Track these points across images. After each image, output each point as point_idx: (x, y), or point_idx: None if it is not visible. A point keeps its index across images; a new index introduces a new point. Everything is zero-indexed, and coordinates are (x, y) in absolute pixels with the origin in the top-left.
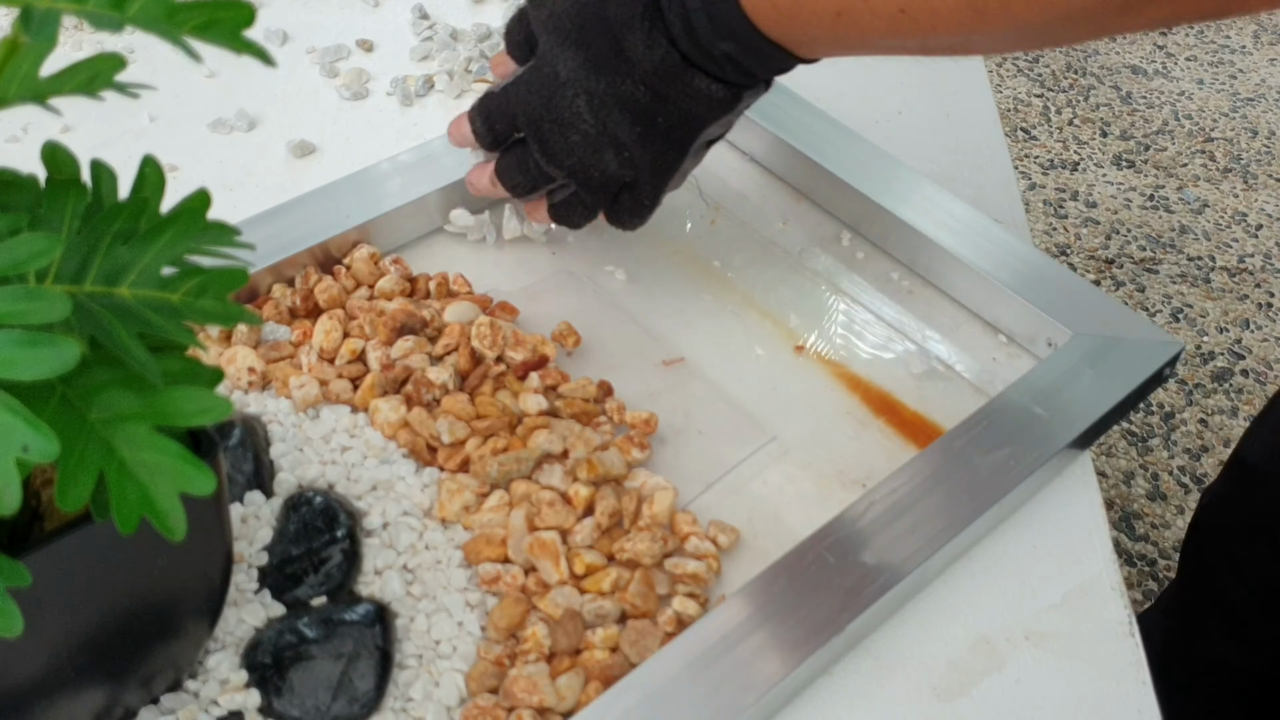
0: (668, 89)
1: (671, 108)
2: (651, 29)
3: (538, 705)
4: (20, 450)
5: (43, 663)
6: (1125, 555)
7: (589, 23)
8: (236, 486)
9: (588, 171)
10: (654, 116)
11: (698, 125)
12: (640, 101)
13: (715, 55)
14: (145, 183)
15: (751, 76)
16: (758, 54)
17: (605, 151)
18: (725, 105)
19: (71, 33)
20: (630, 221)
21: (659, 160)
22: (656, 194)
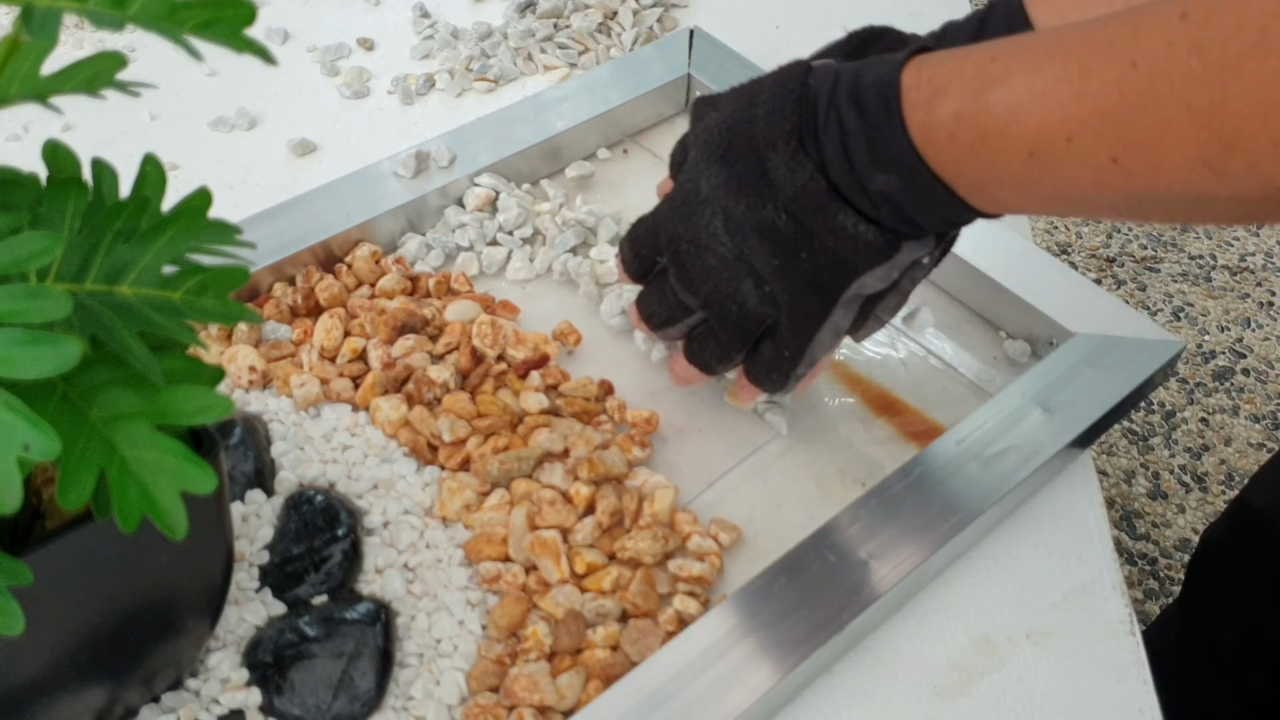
0: (811, 221)
1: (816, 244)
2: (798, 150)
3: (538, 704)
4: (21, 449)
5: (44, 661)
6: (1126, 554)
7: (737, 138)
8: (237, 485)
9: (724, 302)
10: (796, 250)
11: (847, 271)
12: (781, 231)
13: (871, 190)
14: (146, 181)
15: (913, 225)
16: (923, 195)
17: (743, 281)
18: (879, 254)
19: (72, 31)
20: (769, 376)
21: (801, 303)
22: (800, 346)
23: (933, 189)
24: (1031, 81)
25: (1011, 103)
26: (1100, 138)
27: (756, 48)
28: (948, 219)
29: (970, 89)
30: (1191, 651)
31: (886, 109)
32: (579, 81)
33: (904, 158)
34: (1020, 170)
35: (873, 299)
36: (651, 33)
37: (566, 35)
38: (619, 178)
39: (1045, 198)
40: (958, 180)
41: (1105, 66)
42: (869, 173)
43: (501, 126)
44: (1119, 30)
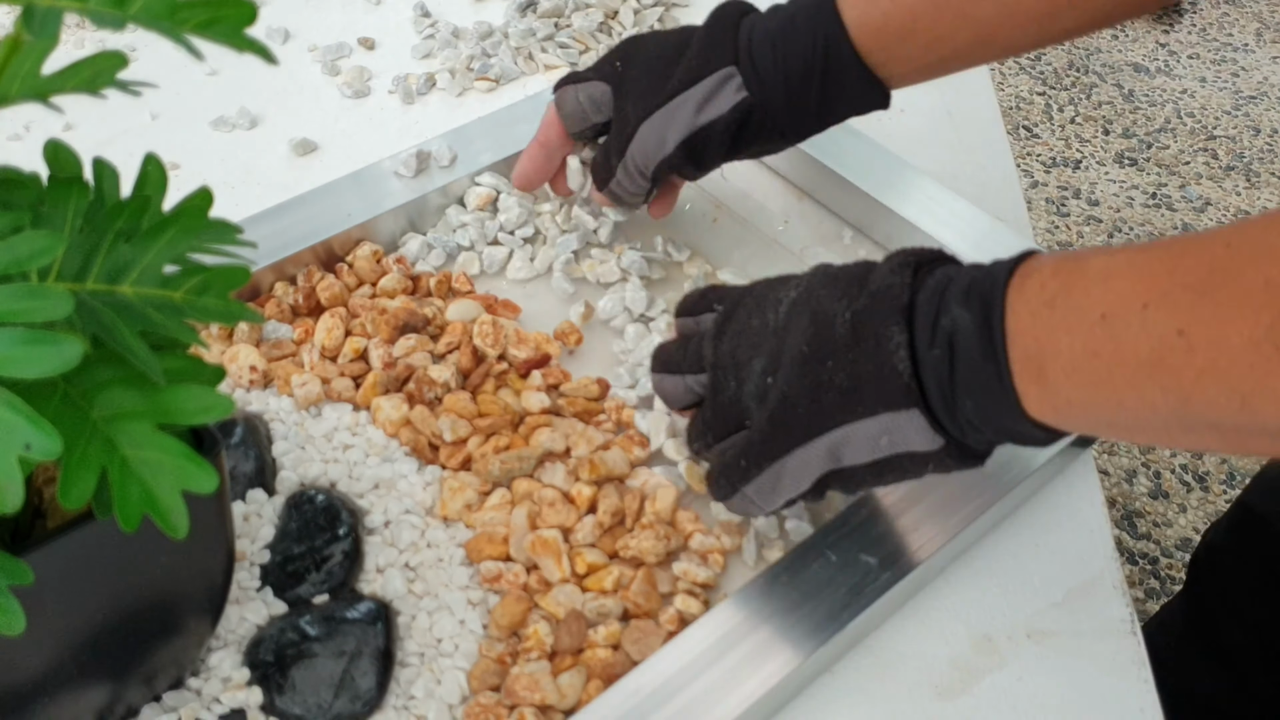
0: (865, 330)
1: (847, 359)
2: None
3: (539, 703)
4: (23, 448)
5: (45, 660)
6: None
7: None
8: (238, 484)
9: (727, 370)
10: (828, 353)
11: (851, 406)
12: (833, 325)
13: (936, 336)
14: (147, 181)
15: (947, 401)
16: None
17: (758, 358)
18: (888, 401)
19: (73, 31)
20: (718, 480)
21: (788, 412)
22: (761, 459)
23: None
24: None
25: (1103, 268)
26: (1176, 307)
27: None
28: (987, 412)
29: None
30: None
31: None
32: None
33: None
34: (1086, 334)
35: (842, 476)
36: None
37: (567, 34)
38: None
39: (1098, 380)
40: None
41: (1200, 248)
42: (942, 319)
43: (502, 126)
44: (1220, 229)
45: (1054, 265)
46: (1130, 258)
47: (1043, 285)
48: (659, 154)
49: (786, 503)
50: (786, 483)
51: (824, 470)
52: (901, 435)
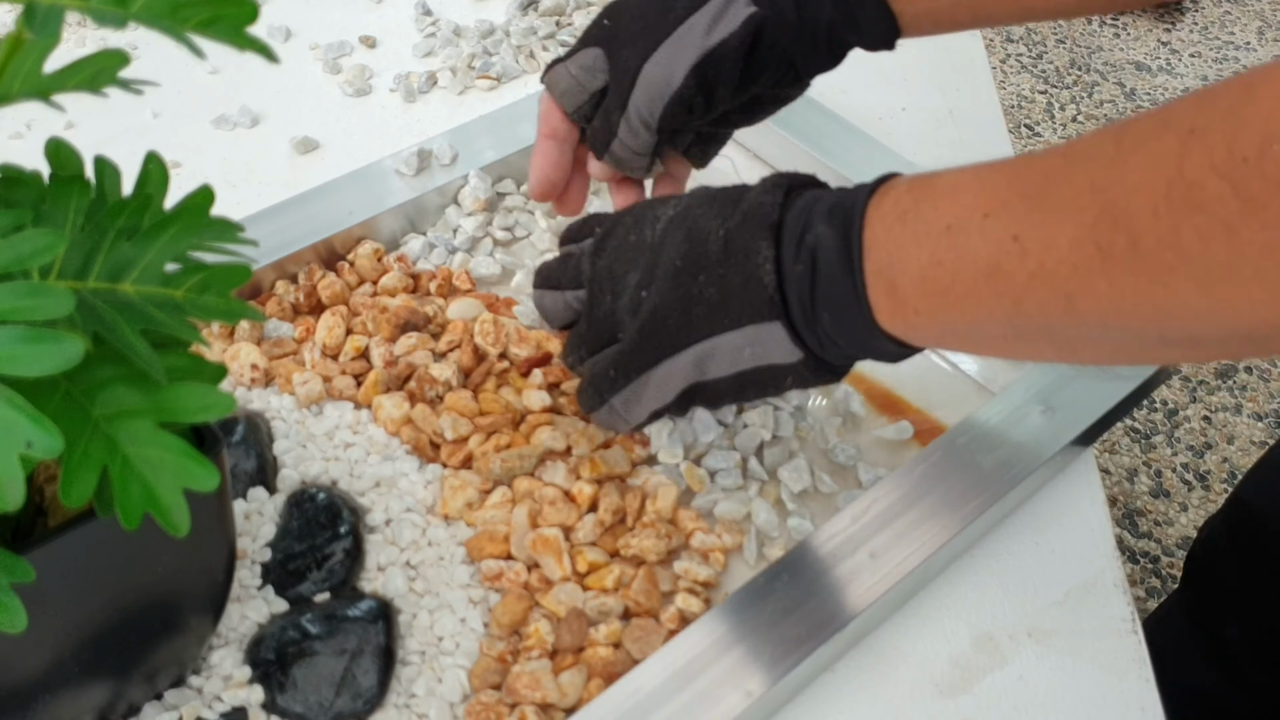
0: (736, 248)
1: (717, 274)
2: (774, 192)
3: (540, 701)
4: (24, 446)
5: (47, 658)
6: (1128, 552)
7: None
8: (239, 483)
9: (603, 284)
10: (699, 268)
11: (717, 320)
12: (706, 241)
13: (801, 247)
14: (148, 179)
15: (809, 312)
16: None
17: (632, 271)
18: (753, 314)
19: (75, 29)
20: (587, 390)
21: (659, 324)
22: (630, 370)
23: (844, 270)
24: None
25: (951, 182)
26: (1013, 214)
27: None
28: (843, 324)
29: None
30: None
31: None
32: None
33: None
34: (932, 245)
35: (706, 389)
36: None
37: (569, 33)
38: None
39: (942, 289)
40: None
41: (1040, 160)
42: (806, 236)
43: (504, 124)
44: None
45: (909, 183)
46: (977, 173)
47: (897, 200)
48: (666, 92)
49: (651, 415)
50: (652, 393)
51: (689, 382)
52: (764, 347)
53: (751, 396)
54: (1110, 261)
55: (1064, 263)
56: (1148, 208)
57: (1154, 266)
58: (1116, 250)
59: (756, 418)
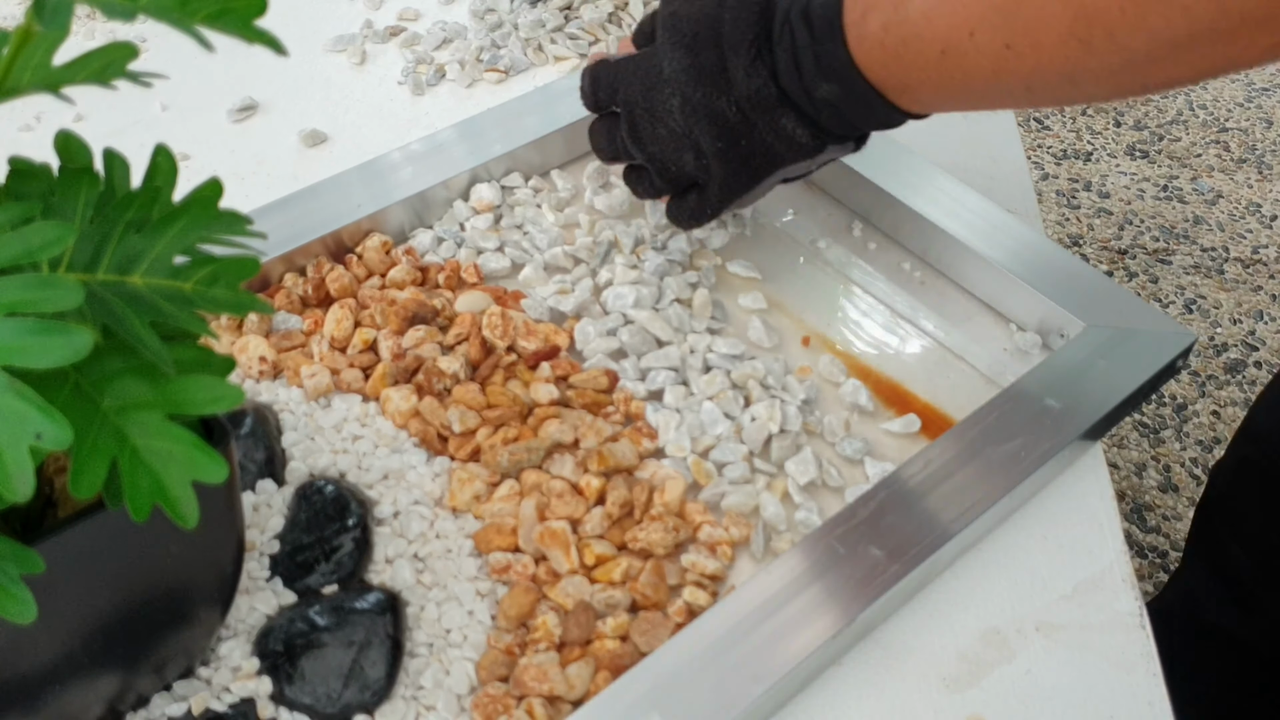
0: (757, 118)
1: (756, 136)
2: (756, 58)
3: (548, 694)
4: (34, 438)
5: (56, 649)
6: (1136, 547)
7: (703, 33)
8: (248, 475)
9: (665, 163)
10: (738, 138)
11: (776, 161)
12: (729, 121)
13: (815, 98)
14: (157, 171)
15: (849, 126)
16: (859, 100)
17: (685, 153)
18: (807, 151)
19: (84, 22)
20: (687, 222)
21: (731, 179)
22: (720, 207)
23: (868, 95)
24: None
25: (925, 9)
26: (995, 29)
27: None
28: (880, 122)
29: (892, 2)
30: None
31: (830, 27)
32: None
33: (843, 69)
34: (936, 68)
35: (786, 179)
36: None
37: (577, 26)
38: None
39: (958, 91)
40: (887, 84)
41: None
42: (814, 83)
43: (512, 117)
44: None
45: (881, 23)
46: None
47: (881, 40)
48: None
49: None
50: (745, 203)
51: (769, 190)
52: (824, 157)
53: (814, 170)
54: (1092, 47)
55: (1056, 57)
56: (1115, 8)
57: (1129, 46)
58: (1096, 39)
59: (764, 411)
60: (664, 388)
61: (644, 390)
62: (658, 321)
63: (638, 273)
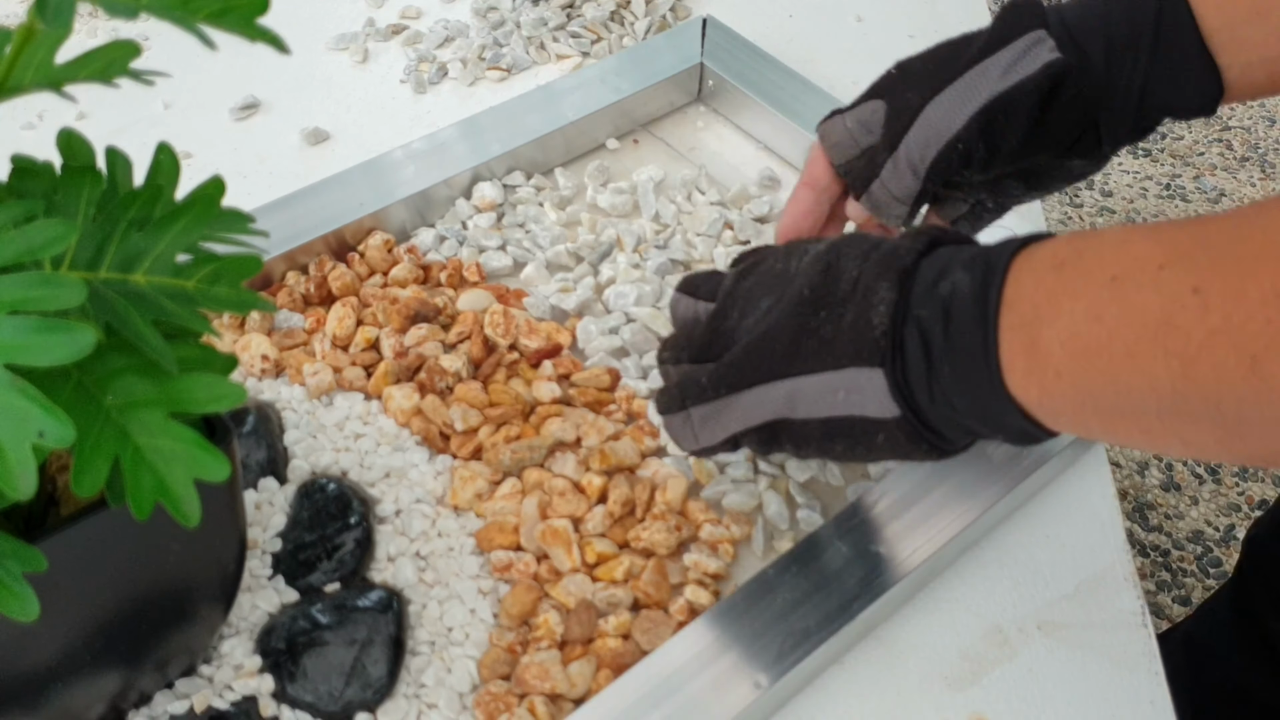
0: (855, 300)
1: (836, 322)
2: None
3: (549, 692)
4: (36, 435)
5: (59, 647)
6: (1138, 546)
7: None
8: (250, 473)
9: (734, 305)
10: (821, 306)
11: (822, 357)
12: (837, 285)
13: (931, 340)
14: (160, 170)
15: (939, 385)
16: (970, 359)
17: (768, 297)
18: (850, 358)
19: (86, 20)
20: (670, 392)
21: (765, 349)
22: (720, 384)
23: (982, 346)
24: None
25: (1120, 235)
26: (1194, 265)
27: (770, 37)
28: (964, 381)
29: None
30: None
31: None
32: (591, 71)
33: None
34: (1092, 297)
35: (792, 428)
36: (664, 21)
37: (579, 24)
38: (631, 167)
39: (1096, 348)
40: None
41: (1230, 214)
42: (940, 284)
43: (514, 116)
44: None
45: (1069, 236)
46: (1154, 226)
47: (1054, 252)
48: (944, 135)
49: (726, 441)
50: (735, 416)
51: (777, 416)
52: (859, 395)
53: (839, 451)
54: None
55: (1254, 317)
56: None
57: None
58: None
59: None
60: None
61: (646, 389)
62: (660, 319)
63: (640, 271)
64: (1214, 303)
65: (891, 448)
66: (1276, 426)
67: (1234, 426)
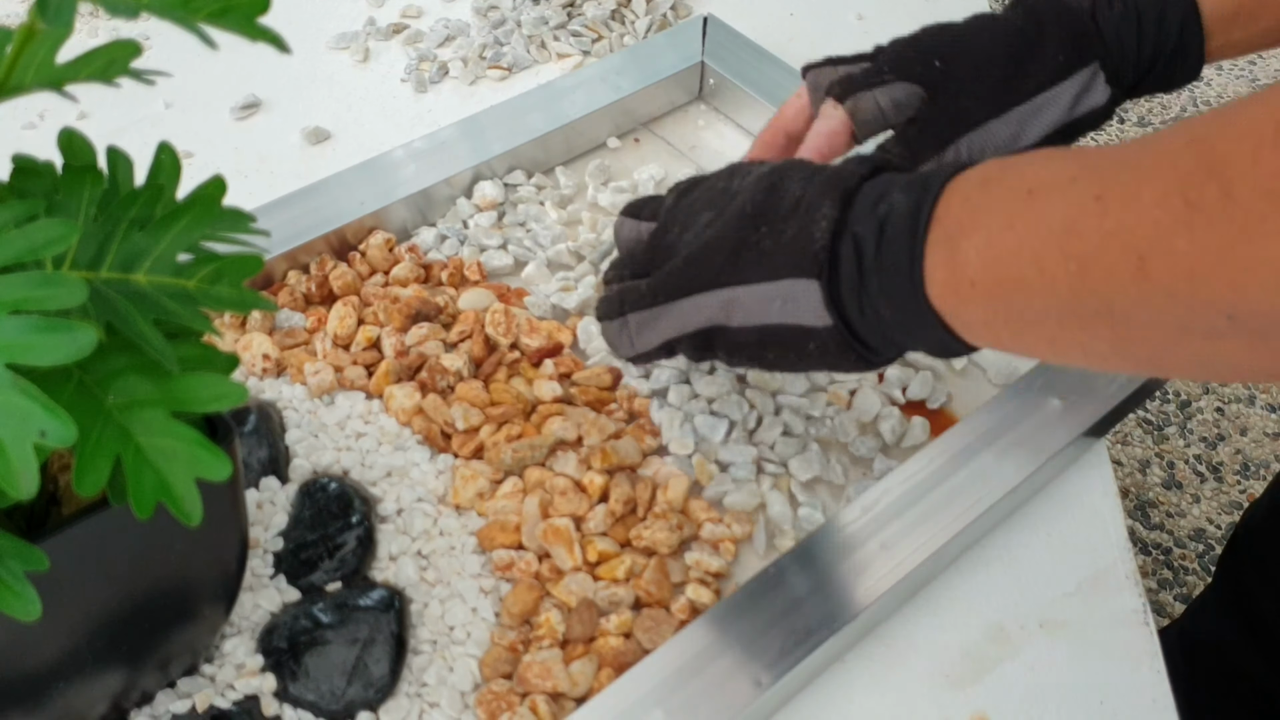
0: (798, 216)
1: (776, 237)
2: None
3: (551, 691)
4: (38, 435)
5: (61, 646)
6: (1140, 544)
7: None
8: (252, 472)
9: (674, 221)
10: (763, 221)
11: (760, 267)
12: (780, 202)
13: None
14: (161, 169)
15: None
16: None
17: (708, 211)
18: (790, 267)
19: (87, 19)
20: (611, 300)
21: (705, 259)
22: (660, 292)
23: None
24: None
25: (1046, 154)
26: (1101, 177)
27: (770, 35)
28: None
29: None
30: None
31: None
32: (592, 69)
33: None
34: (1008, 209)
35: (726, 335)
36: (665, 20)
37: (580, 23)
38: (631, 166)
39: (1006, 254)
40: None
41: (1147, 136)
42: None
43: (514, 115)
44: None
45: (1001, 158)
46: (1078, 149)
47: (984, 171)
48: (1005, 149)
49: (661, 346)
50: (671, 321)
51: (712, 323)
52: (794, 304)
53: (771, 359)
54: (1196, 213)
55: (1144, 219)
56: (1248, 153)
57: (1244, 216)
58: (1205, 201)
59: (769, 406)
60: (668, 386)
61: (648, 388)
62: None
63: None
64: (1112, 208)
65: (821, 356)
66: (1161, 328)
67: (1124, 329)
